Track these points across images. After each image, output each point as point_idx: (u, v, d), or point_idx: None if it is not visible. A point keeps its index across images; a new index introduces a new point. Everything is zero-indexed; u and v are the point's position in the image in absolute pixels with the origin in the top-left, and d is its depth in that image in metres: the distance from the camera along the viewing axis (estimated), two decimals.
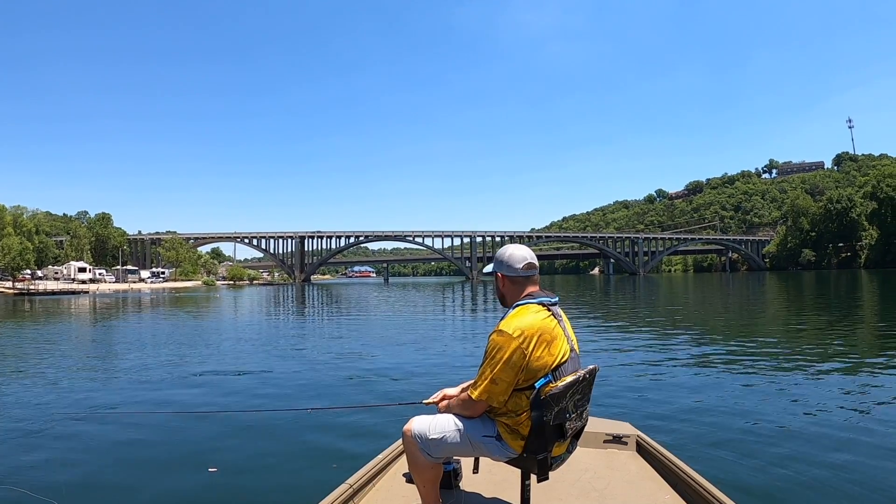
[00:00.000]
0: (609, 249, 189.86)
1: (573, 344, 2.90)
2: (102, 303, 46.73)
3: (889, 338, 14.92)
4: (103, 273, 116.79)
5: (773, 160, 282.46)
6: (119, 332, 21.75)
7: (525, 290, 2.94)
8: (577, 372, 2.80)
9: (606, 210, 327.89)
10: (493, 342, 2.76)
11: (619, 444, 4.02)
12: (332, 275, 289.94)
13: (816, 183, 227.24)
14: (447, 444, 2.88)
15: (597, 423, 4.12)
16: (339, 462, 5.47)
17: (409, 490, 3.31)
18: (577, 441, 2.99)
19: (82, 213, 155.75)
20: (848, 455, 5.37)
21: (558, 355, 2.76)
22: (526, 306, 2.84)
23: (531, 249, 3.10)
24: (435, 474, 3.00)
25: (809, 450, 5.53)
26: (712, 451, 5.57)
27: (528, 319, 2.76)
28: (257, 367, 12.01)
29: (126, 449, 6.32)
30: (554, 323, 2.81)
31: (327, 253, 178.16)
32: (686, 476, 3.29)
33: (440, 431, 2.89)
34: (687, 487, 3.23)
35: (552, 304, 2.89)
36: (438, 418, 2.97)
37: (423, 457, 2.90)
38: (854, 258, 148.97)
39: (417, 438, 2.91)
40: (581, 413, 2.88)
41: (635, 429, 4.19)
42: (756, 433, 6.19)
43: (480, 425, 2.88)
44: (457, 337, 17.74)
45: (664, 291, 51.18)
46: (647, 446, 3.87)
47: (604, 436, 4.06)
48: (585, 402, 2.89)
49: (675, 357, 11.86)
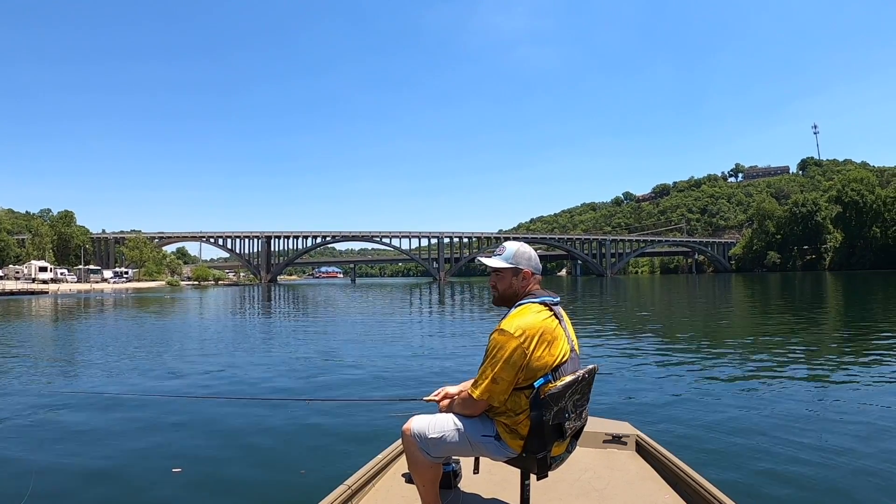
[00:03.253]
0: (577, 251, 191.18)
1: (574, 344, 2.91)
2: (63, 304, 45.42)
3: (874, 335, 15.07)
4: (65, 273, 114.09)
5: (740, 164, 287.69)
6: (79, 337, 20.96)
7: (533, 288, 2.96)
8: (576, 372, 2.81)
9: (574, 212, 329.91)
10: (494, 341, 2.77)
11: (618, 443, 4.03)
12: (298, 275, 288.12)
13: (782, 187, 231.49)
14: (446, 443, 2.88)
15: (596, 423, 4.14)
16: (339, 459, 5.48)
17: (409, 490, 3.30)
18: (576, 441, 3.00)
19: (45, 211, 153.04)
20: (848, 454, 5.36)
21: (559, 355, 2.76)
22: (528, 305, 2.84)
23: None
24: (434, 474, 2.99)
25: (810, 449, 5.52)
26: (712, 450, 5.57)
27: (530, 319, 2.76)
28: (226, 365, 11.90)
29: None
30: (555, 323, 2.82)
31: (294, 253, 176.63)
32: (686, 476, 3.30)
33: (439, 431, 2.88)
34: (687, 487, 3.24)
35: (554, 304, 2.90)
36: (438, 417, 2.97)
37: (423, 456, 2.89)
38: (819, 260, 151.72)
39: (417, 438, 2.90)
40: (580, 413, 2.89)
41: (635, 429, 4.20)
42: (756, 433, 6.16)
43: (480, 425, 2.88)
44: (433, 335, 17.54)
45: (642, 293, 51.60)
46: (646, 446, 3.88)
47: (603, 435, 4.07)
48: (585, 401, 2.91)
49: (675, 357, 11.93)
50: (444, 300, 42.54)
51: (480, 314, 27.36)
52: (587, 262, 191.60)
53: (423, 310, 32.14)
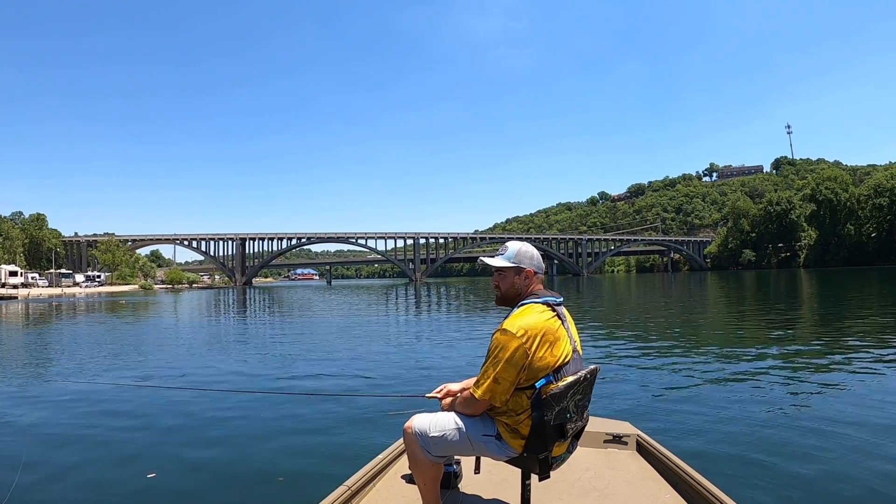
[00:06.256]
0: (553, 251, 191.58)
1: (576, 345, 2.90)
2: (34, 309, 44.51)
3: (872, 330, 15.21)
4: (36, 277, 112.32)
5: (714, 164, 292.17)
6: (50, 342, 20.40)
7: (535, 287, 2.96)
8: (578, 373, 2.79)
9: (549, 212, 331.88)
10: (496, 341, 2.76)
11: (619, 443, 4.03)
12: (274, 277, 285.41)
13: (756, 186, 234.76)
14: (447, 442, 2.87)
15: (597, 423, 4.15)
16: (339, 458, 5.42)
17: (409, 490, 3.30)
18: (577, 441, 3.00)
19: (17, 214, 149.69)
20: (848, 454, 5.34)
21: (561, 356, 2.75)
22: (530, 306, 2.84)
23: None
24: (435, 473, 2.98)
25: (810, 449, 5.49)
26: (712, 450, 5.54)
27: (532, 319, 2.75)
28: (201, 365, 11.83)
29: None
30: (558, 323, 2.82)
31: (269, 255, 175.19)
32: (686, 475, 3.31)
33: (440, 430, 2.88)
34: (687, 487, 3.25)
35: (557, 305, 2.90)
36: (439, 416, 2.96)
37: (424, 455, 2.89)
38: (793, 258, 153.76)
39: (418, 436, 2.89)
40: (582, 413, 2.88)
41: (635, 428, 4.20)
42: (756, 432, 6.12)
43: (481, 424, 2.87)
44: (417, 335, 17.25)
45: (622, 292, 51.69)
46: (647, 446, 3.88)
47: (604, 435, 4.06)
48: (586, 402, 2.90)
49: (675, 357, 11.87)
50: (421, 301, 42.40)
51: (464, 314, 27.19)
52: (564, 261, 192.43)
53: (403, 311, 31.91)
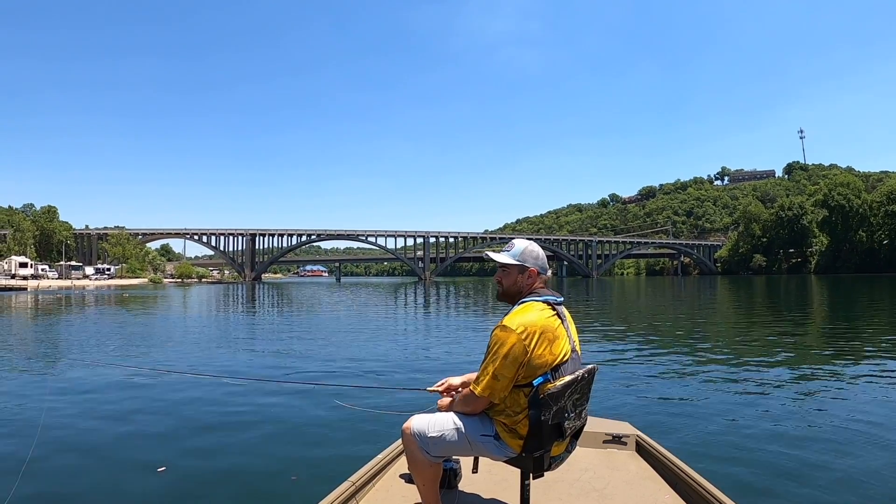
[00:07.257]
0: (563, 252, 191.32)
1: (575, 345, 2.91)
2: (42, 300, 44.54)
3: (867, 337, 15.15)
4: (46, 269, 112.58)
5: (726, 167, 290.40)
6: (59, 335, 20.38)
7: (537, 286, 2.97)
8: (575, 372, 2.80)
9: (560, 213, 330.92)
10: (495, 337, 2.76)
11: (618, 443, 4.03)
12: (283, 273, 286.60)
13: (767, 190, 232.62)
14: (446, 442, 2.87)
15: (596, 423, 4.15)
16: (338, 458, 5.40)
17: (409, 490, 3.31)
18: (576, 441, 3.01)
19: (28, 206, 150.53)
20: (848, 454, 5.38)
21: (559, 354, 2.76)
22: (531, 303, 2.84)
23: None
24: (434, 473, 2.99)
25: (809, 449, 5.53)
26: (712, 450, 5.56)
27: (532, 316, 2.76)
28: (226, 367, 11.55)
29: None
30: (557, 322, 2.82)
31: (279, 251, 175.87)
32: (686, 476, 3.32)
33: (439, 430, 2.88)
34: (686, 487, 3.26)
35: (557, 304, 2.90)
36: (438, 416, 2.97)
37: (423, 455, 2.89)
38: (804, 264, 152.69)
39: (416, 437, 2.90)
40: (580, 413, 2.89)
41: (635, 428, 4.19)
42: (756, 433, 6.16)
43: (479, 424, 2.87)
44: (426, 332, 17.23)
45: (631, 294, 51.63)
46: (646, 446, 3.88)
47: (603, 435, 4.06)
48: (584, 401, 2.90)
49: (675, 357, 11.87)
50: (430, 300, 42.36)
51: (471, 312, 27.19)
52: (573, 263, 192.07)
53: (412, 309, 32.00)
